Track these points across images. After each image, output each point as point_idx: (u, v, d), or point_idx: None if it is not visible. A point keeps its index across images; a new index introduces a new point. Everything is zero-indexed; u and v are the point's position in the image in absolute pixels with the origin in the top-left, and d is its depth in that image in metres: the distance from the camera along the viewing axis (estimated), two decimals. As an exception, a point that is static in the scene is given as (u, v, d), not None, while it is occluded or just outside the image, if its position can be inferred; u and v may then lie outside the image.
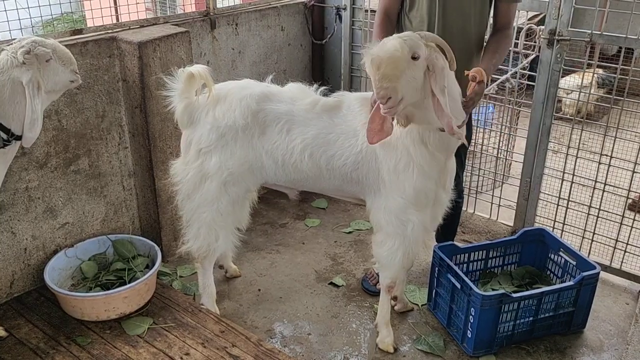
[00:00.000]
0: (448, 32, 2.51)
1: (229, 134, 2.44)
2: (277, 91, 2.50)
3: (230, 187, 2.52)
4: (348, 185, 2.50)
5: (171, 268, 3.18)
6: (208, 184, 2.50)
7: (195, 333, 2.57)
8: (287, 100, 2.46)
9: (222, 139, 2.45)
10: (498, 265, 3.02)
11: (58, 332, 2.56)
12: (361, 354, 2.66)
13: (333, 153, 2.42)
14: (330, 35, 3.99)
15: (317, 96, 2.49)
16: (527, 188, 3.37)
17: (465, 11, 2.49)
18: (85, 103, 2.79)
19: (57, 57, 2.25)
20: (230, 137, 2.44)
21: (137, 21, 3.05)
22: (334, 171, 2.45)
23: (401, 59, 2.02)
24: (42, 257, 2.81)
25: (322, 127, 2.42)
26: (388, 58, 2.01)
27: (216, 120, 2.44)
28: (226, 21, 3.45)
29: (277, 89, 2.52)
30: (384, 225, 2.47)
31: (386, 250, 2.49)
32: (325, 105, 2.45)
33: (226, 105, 2.44)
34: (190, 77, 2.40)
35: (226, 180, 2.49)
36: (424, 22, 2.54)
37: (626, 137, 3.11)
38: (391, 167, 2.36)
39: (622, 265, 3.19)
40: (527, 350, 2.69)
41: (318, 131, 2.42)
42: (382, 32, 2.53)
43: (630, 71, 2.92)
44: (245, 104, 2.42)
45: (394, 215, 2.42)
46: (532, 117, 3.23)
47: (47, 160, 2.71)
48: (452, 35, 2.51)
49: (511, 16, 2.58)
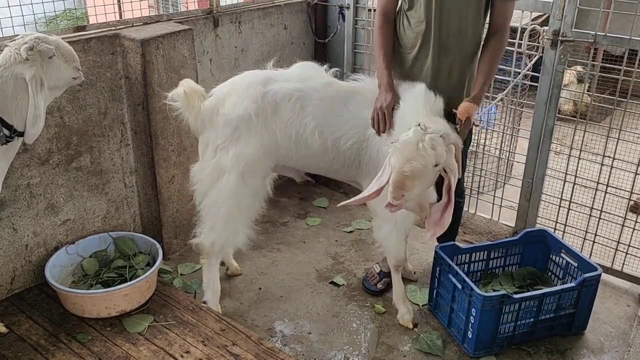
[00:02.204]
0: (445, 32, 2.52)
1: (242, 124, 2.50)
2: (279, 73, 2.60)
3: (248, 178, 2.56)
4: (348, 168, 2.63)
5: (172, 266, 3.18)
6: (226, 178, 2.54)
7: (195, 331, 2.56)
8: (295, 79, 2.55)
9: (236, 132, 2.51)
10: (499, 266, 3.02)
11: (59, 329, 2.55)
12: (361, 353, 2.65)
13: (341, 135, 2.54)
14: (333, 34, 3.98)
15: (331, 78, 2.60)
16: (529, 189, 3.36)
17: (462, 11, 2.49)
18: (88, 100, 2.79)
19: (60, 54, 2.24)
20: (244, 126, 2.50)
21: (140, 18, 3.05)
22: (339, 153, 2.57)
23: (427, 172, 2.20)
24: (43, 254, 2.81)
25: (334, 109, 2.53)
26: (416, 173, 2.17)
27: (227, 115, 2.50)
28: (229, 19, 3.44)
29: (281, 71, 2.62)
30: (380, 211, 2.59)
31: (383, 233, 2.70)
32: (340, 89, 2.56)
33: (234, 99, 2.51)
34: (185, 95, 2.49)
35: (243, 171, 2.53)
36: (422, 21, 2.54)
37: (629, 138, 3.10)
38: None
39: (623, 267, 3.18)
40: (527, 351, 2.68)
41: (329, 111, 2.53)
42: (383, 35, 2.62)
43: (634, 73, 2.91)
44: (252, 90, 2.50)
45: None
46: (534, 118, 3.23)
47: (49, 156, 2.71)
48: (449, 36, 2.52)
49: (507, 15, 2.55)
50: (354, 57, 3.94)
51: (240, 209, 2.61)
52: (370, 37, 3.79)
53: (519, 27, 3.25)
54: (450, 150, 2.25)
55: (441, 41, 2.53)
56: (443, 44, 2.53)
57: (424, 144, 2.16)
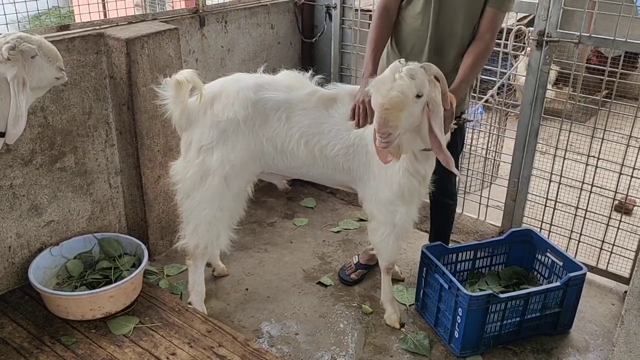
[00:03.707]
0: (440, 33, 2.52)
1: (230, 128, 2.47)
2: (270, 80, 2.56)
3: (232, 181, 2.54)
4: (340, 174, 2.59)
5: (158, 267, 3.15)
6: (210, 180, 2.51)
7: (181, 333, 2.55)
8: (283, 89, 2.52)
9: (223, 134, 2.48)
10: (486, 266, 3.03)
11: (42, 331, 2.53)
12: (348, 353, 2.65)
13: (326, 143, 2.50)
14: (320, 34, 3.98)
15: (315, 87, 2.57)
16: (515, 189, 3.38)
17: (457, 14, 2.49)
18: (72, 100, 2.76)
19: (42, 54, 2.21)
20: (232, 130, 2.47)
21: (125, 17, 3.02)
22: (327, 160, 2.54)
23: (408, 101, 2.09)
24: (26, 256, 2.78)
25: (318, 117, 2.50)
26: (397, 103, 2.06)
27: (216, 117, 2.47)
28: (215, 19, 3.42)
29: (270, 78, 2.58)
30: (376, 214, 2.60)
31: (379, 237, 2.64)
32: (322, 96, 2.53)
33: (223, 101, 2.47)
34: (178, 84, 2.42)
35: (228, 174, 2.51)
36: (418, 20, 2.54)
37: (613, 138, 3.13)
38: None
39: (608, 266, 3.20)
40: (513, 350, 2.69)
41: (314, 120, 2.49)
42: (377, 28, 2.57)
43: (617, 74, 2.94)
44: (243, 96, 2.46)
45: (383, 206, 2.55)
46: (520, 118, 3.24)
47: (32, 157, 2.68)
48: (443, 37, 2.53)
49: (495, 24, 2.51)
50: (341, 57, 3.94)
51: (223, 212, 2.59)
52: (357, 37, 3.79)
53: (504, 27, 3.27)
54: (433, 82, 2.15)
55: (437, 40, 2.53)
56: (438, 43, 2.53)
57: (400, 75, 2.08)
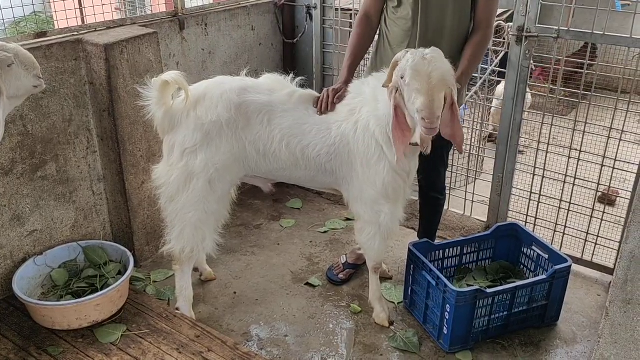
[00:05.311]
0: (430, 28, 2.55)
1: (213, 130, 2.46)
2: (253, 83, 2.55)
3: (216, 184, 2.52)
4: (323, 175, 2.58)
5: (144, 273, 3.13)
6: (194, 183, 2.50)
7: (170, 339, 2.53)
8: (265, 92, 2.51)
9: (207, 137, 2.46)
10: (473, 261, 3.05)
11: (28, 342, 2.49)
12: (339, 354, 2.65)
13: (307, 143, 2.49)
14: (301, 35, 3.97)
15: (294, 87, 2.57)
16: (500, 184, 3.40)
17: (446, 10, 2.51)
18: (52, 107, 2.73)
19: (19, 62, 2.18)
20: (215, 133, 2.46)
21: (104, 23, 2.98)
22: (310, 161, 2.53)
23: (451, 79, 2.17)
24: (10, 266, 2.74)
25: (298, 118, 2.50)
26: (443, 81, 2.12)
27: (199, 119, 2.45)
28: (195, 22, 3.40)
29: (253, 81, 2.57)
30: (362, 214, 2.60)
31: (365, 236, 2.63)
32: (301, 97, 2.53)
33: (207, 103, 2.46)
34: (165, 85, 2.41)
35: (212, 177, 2.50)
36: (409, 20, 2.56)
37: (594, 131, 3.15)
38: (364, 160, 2.45)
39: (593, 258, 3.24)
40: (502, 344, 2.71)
41: (294, 121, 2.49)
42: (357, 35, 2.66)
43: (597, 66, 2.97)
44: (227, 98, 2.45)
45: (368, 205, 2.55)
46: (502, 113, 3.26)
47: (12, 166, 2.65)
48: (434, 32, 2.55)
49: (490, 13, 2.57)
50: (323, 57, 3.94)
51: (208, 215, 2.58)
52: (339, 37, 3.79)
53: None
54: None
55: (427, 38, 2.54)
56: (429, 40, 2.52)
57: (431, 54, 2.12)
